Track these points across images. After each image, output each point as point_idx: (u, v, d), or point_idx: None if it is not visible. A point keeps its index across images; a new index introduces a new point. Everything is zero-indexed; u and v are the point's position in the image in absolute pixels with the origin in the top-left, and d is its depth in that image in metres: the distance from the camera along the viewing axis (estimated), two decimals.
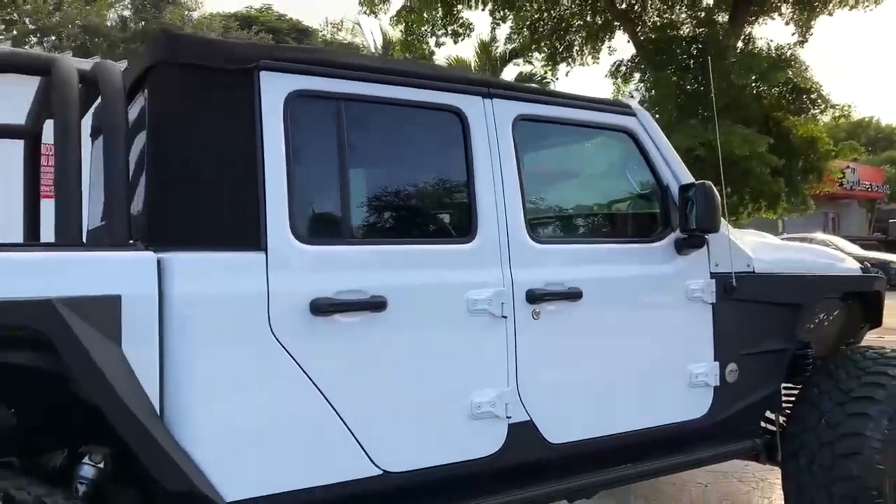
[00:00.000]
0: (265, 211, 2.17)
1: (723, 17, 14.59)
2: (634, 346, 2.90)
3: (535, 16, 15.76)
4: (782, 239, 19.26)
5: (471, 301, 2.48)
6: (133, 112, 2.33)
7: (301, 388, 2.17)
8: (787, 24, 15.13)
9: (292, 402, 2.16)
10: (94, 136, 3.11)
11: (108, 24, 25.44)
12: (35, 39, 25.54)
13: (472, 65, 19.10)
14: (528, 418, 2.57)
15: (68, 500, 1.78)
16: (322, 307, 2.19)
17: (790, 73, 12.62)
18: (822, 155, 13.65)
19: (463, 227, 2.58)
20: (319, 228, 2.39)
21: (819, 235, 23.54)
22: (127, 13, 27.49)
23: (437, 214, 2.80)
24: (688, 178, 3.07)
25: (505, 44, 17.53)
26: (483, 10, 14.58)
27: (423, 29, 14.71)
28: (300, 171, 2.27)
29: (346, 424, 2.23)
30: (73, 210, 2.01)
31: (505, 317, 2.54)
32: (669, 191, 3.03)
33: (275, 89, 2.23)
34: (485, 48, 18.03)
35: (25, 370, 1.91)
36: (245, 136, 2.18)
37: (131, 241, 2.06)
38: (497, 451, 2.51)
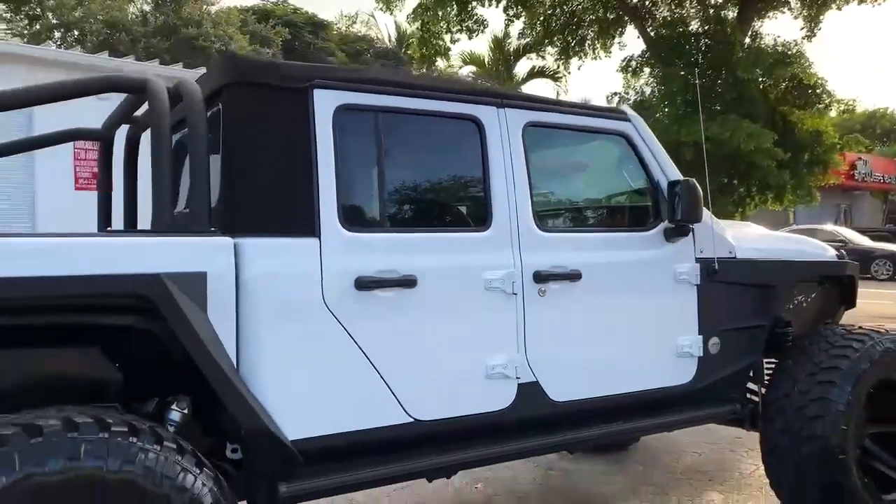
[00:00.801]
0: (318, 204, 2.64)
1: (732, 13, 14.91)
2: (627, 321, 3.36)
3: (549, 11, 16.10)
4: (790, 230, 19.65)
5: (486, 280, 2.94)
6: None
7: (348, 350, 2.64)
8: (795, 18, 15.41)
9: (340, 361, 2.64)
10: None
11: (130, 17, 25.89)
12: (59, 34, 26.08)
13: (486, 59, 19.48)
14: (535, 379, 3.04)
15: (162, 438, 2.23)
16: (364, 283, 2.67)
17: (795, 69, 12.94)
18: (828, 148, 13.97)
19: (479, 217, 3.05)
20: (361, 218, 2.86)
21: (828, 227, 23.79)
22: (147, 7, 27.96)
23: (458, 207, 3.27)
24: (676, 175, 3.51)
25: (518, 39, 17.87)
26: (497, 6, 14.96)
27: (438, 25, 15.10)
28: (346, 170, 2.74)
29: (384, 380, 2.71)
30: (166, 203, 2.49)
31: (515, 294, 3.00)
32: (659, 186, 3.48)
33: (325, 104, 2.70)
34: (498, 44, 18.38)
35: (127, 331, 2.39)
36: (301, 142, 2.65)
37: (212, 229, 2.54)
38: (507, 406, 2.98)
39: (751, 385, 4.03)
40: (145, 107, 2.69)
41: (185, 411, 2.54)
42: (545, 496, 4.50)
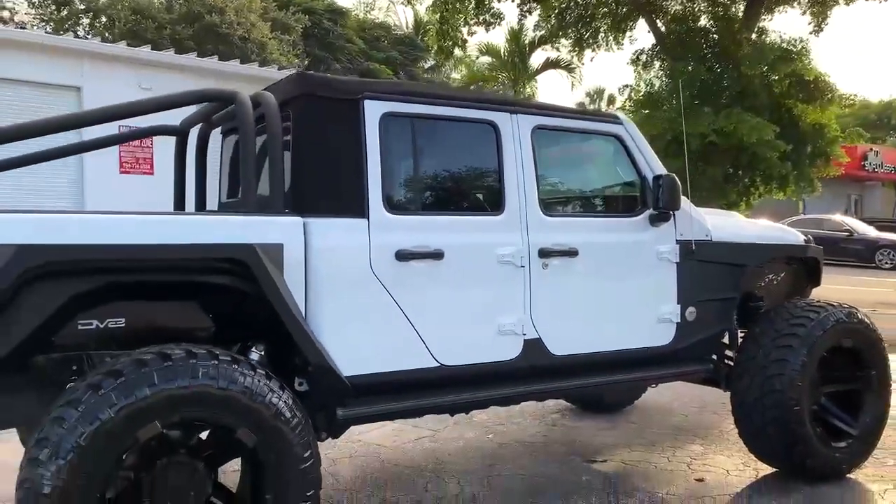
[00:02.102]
0: (367, 191, 3.33)
1: (739, 8, 15.43)
2: (616, 291, 4.04)
3: (563, 5, 16.66)
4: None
5: (500, 255, 3.63)
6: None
7: (389, 307, 3.34)
8: (803, 13, 15.89)
9: (383, 316, 3.34)
10: (225, 135, 4.31)
11: (156, 4, 26.54)
12: (87, 21, 26.82)
13: (503, 51, 20.05)
14: (538, 336, 3.73)
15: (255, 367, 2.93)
16: (402, 255, 3.36)
17: (797, 65, 13.49)
18: (829, 141, 14.53)
19: (495, 203, 3.72)
20: (400, 203, 3.55)
21: (834, 217, 24.27)
22: None
23: (477, 195, 3.95)
24: (660, 170, 4.18)
25: (534, 31, 18.45)
26: (512, 1, 15.56)
27: (456, 17, 15.72)
28: (388, 165, 3.42)
29: (416, 332, 3.40)
30: (253, 190, 3.19)
31: (523, 266, 3.69)
32: (646, 179, 4.14)
33: (373, 111, 3.39)
34: (514, 36, 18.95)
35: (219, 290, 3.08)
36: (354, 142, 3.34)
37: (286, 210, 3.23)
38: (515, 357, 3.68)
39: (728, 353, 4.71)
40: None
41: (262, 353, 3.24)
42: (548, 445, 5.20)
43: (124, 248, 2.76)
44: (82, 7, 27.77)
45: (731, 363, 4.60)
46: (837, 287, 16.26)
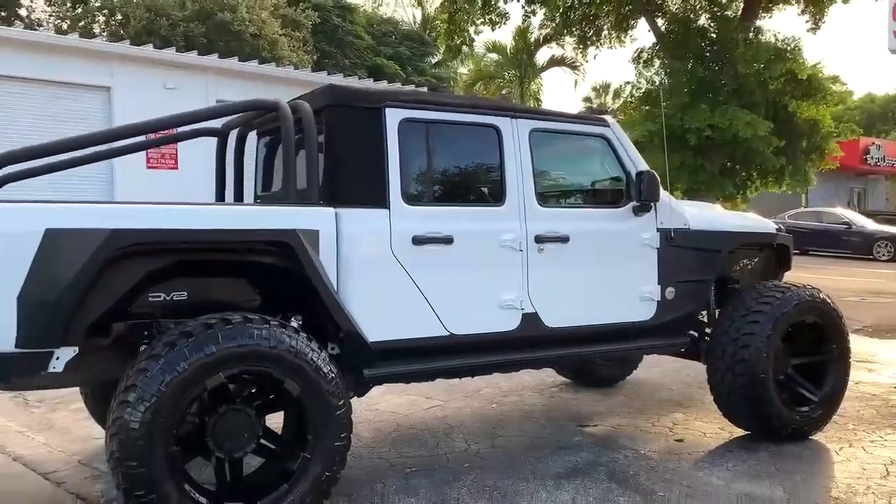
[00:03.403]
0: (388, 186, 3.92)
1: (738, 6, 15.95)
2: (603, 272, 4.63)
3: (567, 4, 17.20)
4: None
5: (502, 240, 4.22)
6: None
7: (407, 284, 3.94)
8: (801, 14, 16.40)
9: (402, 291, 3.93)
10: (260, 137, 4.91)
11: (170, 2, 27.12)
12: (102, 18, 27.46)
13: (509, 48, 20.63)
14: (534, 310, 4.32)
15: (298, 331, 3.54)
16: (418, 240, 3.96)
17: (792, 63, 14.02)
18: (824, 136, 15.07)
19: (497, 196, 4.31)
20: (416, 196, 4.14)
21: (834, 209, 24.77)
22: None
23: (482, 188, 4.53)
24: (643, 166, 4.75)
25: (539, 29, 19.00)
26: (518, 1, 16.12)
27: (464, 17, 16.29)
28: (406, 163, 4.02)
29: (430, 305, 4.00)
30: (294, 184, 3.78)
31: (521, 250, 4.28)
32: (630, 175, 4.72)
33: (393, 117, 3.99)
34: (521, 34, 19.53)
35: (264, 268, 3.68)
36: (377, 144, 3.94)
37: (320, 202, 3.83)
38: (514, 328, 4.27)
39: (707, 329, 5.30)
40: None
41: (300, 322, 3.85)
42: (546, 413, 5.81)
43: (193, 231, 3.37)
44: (97, 4, 28.39)
45: (708, 338, 5.19)
46: (832, 277, 16.82)
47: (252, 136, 4.93)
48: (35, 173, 3.94)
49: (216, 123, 4.76)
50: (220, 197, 4.99)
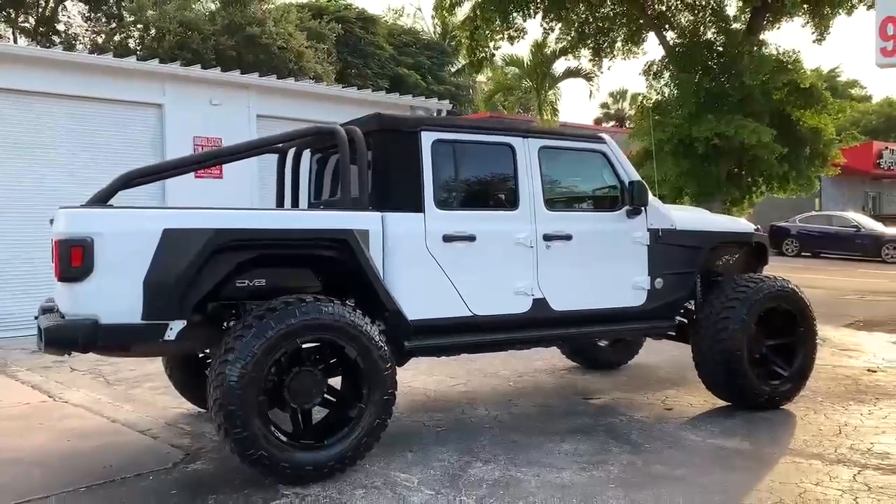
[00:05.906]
0: (423, 195, 4.85)
1: (745, 19, 16.78)
2: (601, 265, 5.53)
3: (581, 18, 18.09)
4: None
5: (516, 238, 5.14)
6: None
7: (438, 274, 4.86)
8: (804, 26, 17.17)
9: (435, 279, 4.86)
10: (313, 154, 5.87)
11: (200, 17, 28.30)
12: (137, 33, 28.71)
13: (526, 61, 21.59)
14: (543, 296, 5.23)
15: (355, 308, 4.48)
16: (447, 238, 4.89)
17: (793, 75, 14.83)
18: (826, 143, 15.86)
19: (512, 202, 5.23)
20: (446, 202, 5.05)
21: (845, 213, 25.46)
22: (213, 6, 30.39)
23: (500, 196, 5.45)
24: (635, 177, 5.65)
25: (555, 43, 19.89)
26: (535, 18, 17.04)
27: (485, 33, 17.24)
28: (437, 175, 4.94)
29: (458, 291, 4.92)
30: (349, 193, 4.72)
31: (532, 247, 5.19)
32: (624, 184, 5.63)
33: (427, 139, 4.93)
34: (538, 48, 20.48)
35: (325, 260, 4.62)
36: (415, 161, 4.87)
37: (369, 207, 4.77)
38: (526, 311, 5.18)
39: (694, 316, 6.19)
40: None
41: (352, 304, 4.79)
42: (556, 389, 6.72)
43: (275, 231, 4.34)
44: (131, 19, 29.66)
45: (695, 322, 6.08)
46: (837, 278, 17.58)
47: (306, 154, 5.90)
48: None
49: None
50: (279, 204, 5.95)
